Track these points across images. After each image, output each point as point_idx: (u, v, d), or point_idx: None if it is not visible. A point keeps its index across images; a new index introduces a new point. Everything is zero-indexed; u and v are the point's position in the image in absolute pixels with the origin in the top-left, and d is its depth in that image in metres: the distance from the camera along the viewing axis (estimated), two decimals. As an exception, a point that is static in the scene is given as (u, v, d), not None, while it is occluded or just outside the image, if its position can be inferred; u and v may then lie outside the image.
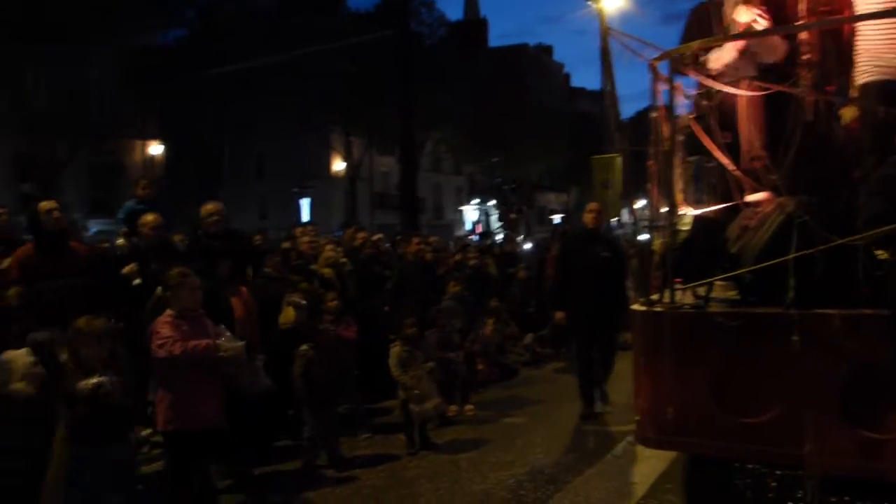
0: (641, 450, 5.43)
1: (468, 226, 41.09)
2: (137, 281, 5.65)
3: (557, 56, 59.99)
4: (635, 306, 3.39)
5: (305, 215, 28.35)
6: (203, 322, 4.36)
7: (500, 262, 12.08)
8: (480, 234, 28.36)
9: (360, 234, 9.66)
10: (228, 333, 4.39)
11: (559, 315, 7.07)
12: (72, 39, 20.53)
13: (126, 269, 5.72)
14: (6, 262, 5.31)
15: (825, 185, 3.31)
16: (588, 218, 6.82)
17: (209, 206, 6.25)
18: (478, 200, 42.69)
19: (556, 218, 45.36)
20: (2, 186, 23.00)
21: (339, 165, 33.89)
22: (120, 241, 6.85)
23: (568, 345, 10.23)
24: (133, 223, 6.53)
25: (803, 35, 3.35)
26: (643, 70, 3.54)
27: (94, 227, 21.76)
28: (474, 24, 43.79)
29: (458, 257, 10.46)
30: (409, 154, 17.81)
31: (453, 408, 7.57)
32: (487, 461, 5.93)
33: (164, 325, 4.21)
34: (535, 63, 48.67)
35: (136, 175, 26.94)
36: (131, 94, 25.33)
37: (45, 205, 5.49)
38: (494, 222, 40.88)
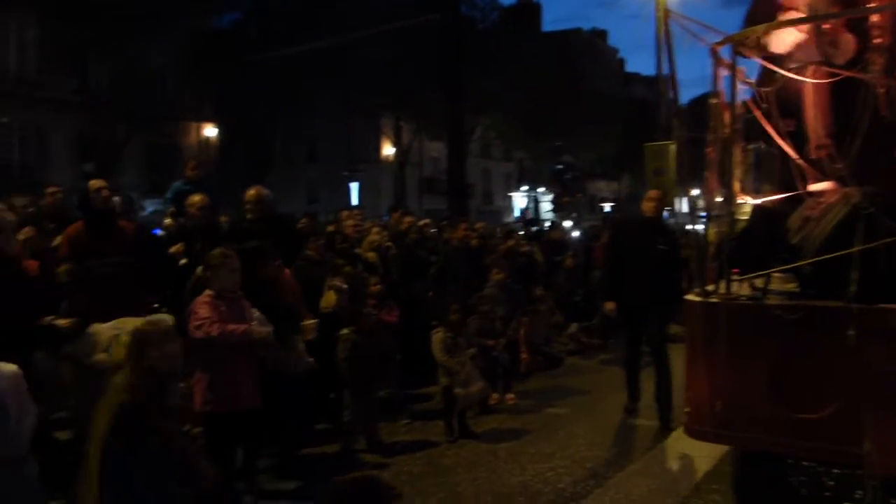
0: (687, 447, 5.35)
1: (517, 212, 40.88)
2: (184, 261, 5.61)
3: (612, 41, 58.88)
4: (690, 297, 3.33)
5: (354, 199, 28.59)
6: (241, 304, 4.37)
7: (547, 249, 11.89)
8: (526, 221, 28.10)
9: (406, 219, 9.55)
10: (260, 317, 4.40)
11: (609, 306, 6.80)
12: (133, 22, 21.09)
13: (173, 249, 5.73)
14: (58, 240, 5.43)
15: (894, 176, 3.19)
16: (647, 206, 6.50)
17: (251, 191, 6.33)
18: (526, 187, 42.41)
19: (607, 206, 44.73)
20: (66, 166, 23.97)
21: (388, 150, 34.08)
22: (167, 220, 6.79)
23: (616, 335, 10.08)
24: (181, 203, 6.53)
25: (874, 18, 3.21)
26: (698, 55, 3.46)
27: (150, 206, 22.45)
28: (527, 9, 43.18)
29: (510, 243, 10.27)
30: (457, 139, 17.65)
31: (494, 396, 7.51)
32: (527, 452, 5.84)
33: (202, 306, 4.21)
34: (588, 48, 47.87)
35: (191, 156, 27.84)
36: (188, 76, 25.93)
37: (94, 183, 5.51)
38: (544, 209, 40.56)
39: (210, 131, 28.74)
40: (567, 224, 29.38)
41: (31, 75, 23.92)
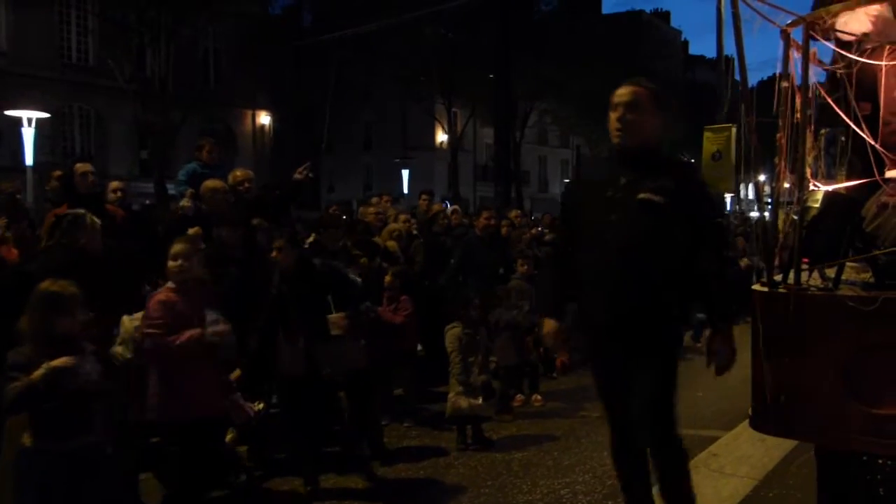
0: (724, 466, 5.14)
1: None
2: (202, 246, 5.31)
3: (675, 22, 57.44)
4: (757, 287, 3.27)
5: (405, 187, 28.84)
6: (198, 300, 4.12)
7: None
8: None
9: (435, 205, 9.11)
10: (215, 316, 4.15)
11: (549, 327, 3.58)
12: (188, 9, 21.61)
13: (191, 232, 5.50)
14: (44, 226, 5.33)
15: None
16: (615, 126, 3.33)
17: (238, 173, 6.14)
18: (584, 174, 41.85)
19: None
20: (125, 153, 24.83)
21: (442, 137, 34.16)
22: (185, 201, 6.57)
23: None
24: (197, 186, 6.40)
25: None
26: (765, 36, 3.36)
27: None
28: (584, -10, 42.47)
29: (533, 232, 9.53)
30: (504, 123, 17.34)
31: (519, 398, 7.14)
32: (543, 464, 5.40)
33: (155, 305, 4.02)
34: (650, 30, 46.80)
35: (247, 144, 28.51)
36: (242, 63, 26.45)
37: (80, 167, 5.55)
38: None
39: (265, 118, 29.30)
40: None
41: (90, 62, 24.80)
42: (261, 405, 4.93)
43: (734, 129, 8.04)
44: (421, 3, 22.10)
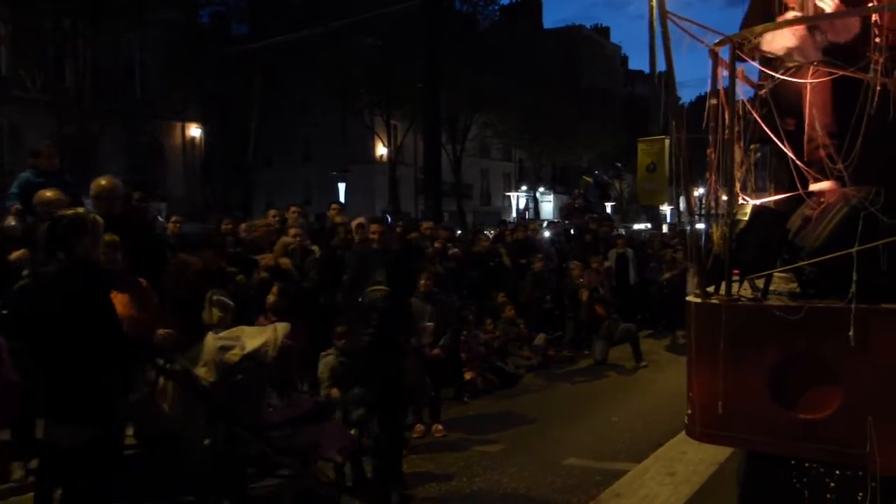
0: (633, 495, 4.97)
1: (514, 212, 41.00)
2: (27, 272, 4.16)
3: (618, 40, 59.14)
4: (690, 298, 3.41)
5: (343, 200, 28.80)
6: None
7: (514, 251, 11.01)
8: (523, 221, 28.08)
9: (339, 218, 8.56)
10: None
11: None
12: (113, 17, 21.02)
13: (14, 256, 4.80)
14: None
15: (893, 176, 3.27)
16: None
17: (102, 182, 5.38)
18: (525, 187, 42.53)
19: (608, 205, 44.80)
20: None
21: (382, 150, 34.19)
22: (10, 219, 5.62)
23: (590, 345, 9.86)
24: (28, 198, 5.57)
25: (876, 16, 3.30)
26: (702, 54, 3.54)
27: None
28: (527, 5, 43.38)
29: (437, 245, 8.89)
30: (434, 133, 16.60)
31: (419, 428, 6.64)
32: None
33: None
34: (590, 45, 48.10)
35: (176, 157, 27.88)
36: (170, 73, 25.88)
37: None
38: (544, 210, 40.66)
39: (195, 131, 28.71)
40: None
41: (2, 72, 23.81)
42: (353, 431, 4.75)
43: (667, 142, 8.30)
44: (354, 15, 22.14)
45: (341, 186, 29.72)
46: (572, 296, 10.21)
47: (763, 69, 3.51)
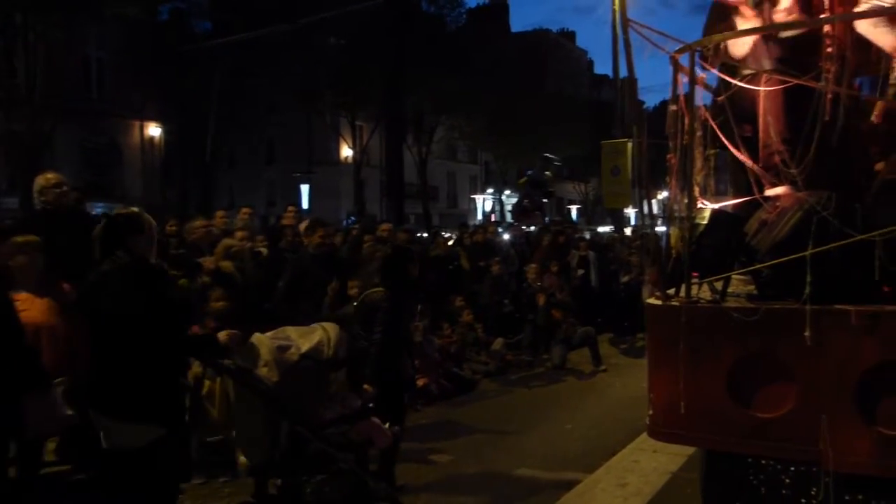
0: None
1: (480, 215, 41.20)
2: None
3: (584, 45, 59.80)
4: (651, 300, 3.50)
5: (305, 202, 28.60)
6: None
7: (473, 254, 10.86)
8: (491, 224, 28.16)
9: (288, 220, 8.24)
10: None
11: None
12: (67, 11, 20.48)
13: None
14: None
15: (846, 181, 3.40)
16: None
17: (49, 176, 5.43)
18: (492, 189, 42.76)
19: (574, 209, 45.37)
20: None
21: (348, 152, 34.08)
22: None
23: (549, 349, 9.78)
24: None
25: (827, 27, 3.43)
26: (667, 60, 3.63)
27: (92, 210, 21.91)
28: (494, 8, 43.68)
29: (375, 251, 8.02)
30: (397, 135, 16.62)
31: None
32: None
33: None
34: (556, 48, 48.57)
35: (134, 157, 27.34)
36: (128, 71, 25.38)
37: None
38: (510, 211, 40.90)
39: (154, 130, 28.22)
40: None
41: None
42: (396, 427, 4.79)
43: (630, 145, 8.42)
44: (319, 14, 22.02)
45: (305, 188, 29.54)
46: (530, 300, 10.20)
47: (721, 76, 3.62)
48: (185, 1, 27.97)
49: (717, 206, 3.63)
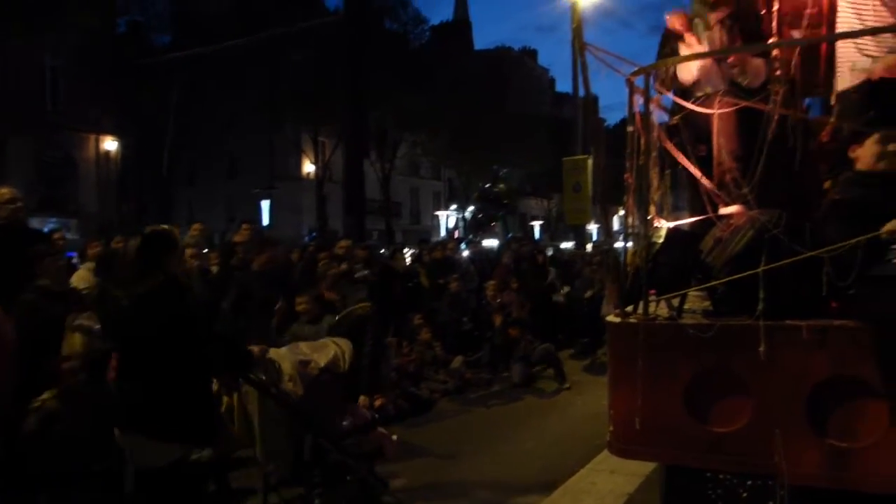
0: None
1: (443, 231, 41.30)
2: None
3: (544, 62, 60.65)
4: (610, 317, 3.56)
5: (266, 218, 28.34)
6: None
7: (433, 271, 10.81)
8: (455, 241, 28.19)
9: (239, 237, 7.91)
10: None
11: None
12: (20, 20, 20.02)
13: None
14: None
15: (796, 200, 3.52)
16: None
17: (3, 191, 5.26)
18: (455, 206, 42.93)
19: (537, 224, 45.77)
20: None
21: (310, 167, 33.90)
22: None
23: (508, 366, 9.64)
24: None
25: (775, 52, 3.57)
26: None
27: (45, 225, 21.40)
28: (458, 26, 44.12)
29: (342, 267, 8.14)
30: (356, 150, 16.39)
31: None
32: None
33: None
34: (518, 66, 49.16)
35: (89, 172, 26.77)
36: (85, 83, 24.92)
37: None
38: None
39: (110, 144, 27.71)
40: (491, 243, 29.74)
41: None
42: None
43: (590, 162, 8.54)
44: (281, 29, 21.95)
45: (265, 204, 29.26)
46: (488, 317, 10.15)
47: (675, 98, 3.73)
48: (143, 13, 27.66)
49: (673, 224, 3.72)
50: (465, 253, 14.20)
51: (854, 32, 3.58)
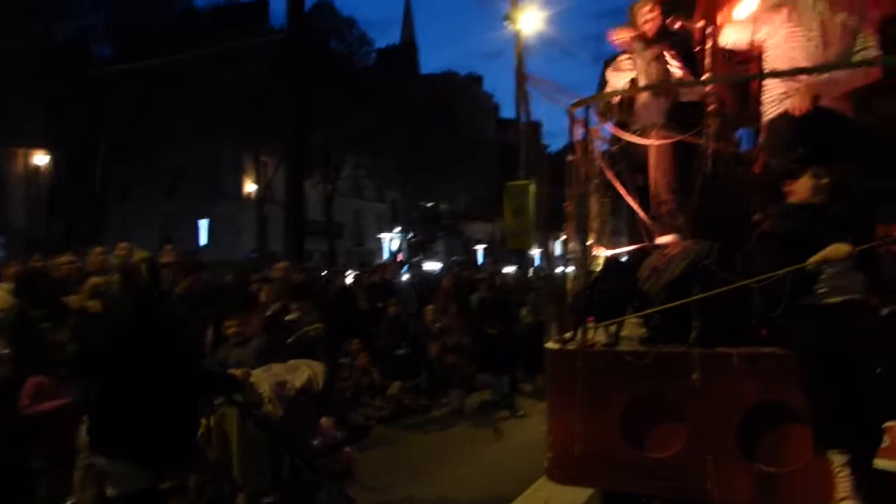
0: None
1: (386, 254, 41.19)
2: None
3: (489, 88, 61.52)
4: (549, 344, 3.60)
5: (203, 238, 27.76)
6: None
7: (372, 294, 10.68)
8: (398, 263, 28.10)
9: (166, 256, 7.53)
10: None
11: None
12: None
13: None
14: None
15: (728, 230, 3.65)
16: None
17: None
18: (399, 228, 42.91)
19: (480, 248, 46.09)
20: None
21: (251, 187, 33.41)
22: None
23: (447, 391, 9.57)
24: None
25: (708, 87, 3.71)
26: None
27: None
28: (404, 50, 44.46)
29: (265, 291, 7.86)
30: (297, 169, 16.30)
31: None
32: None
33: None
34: (463, 91, 49.74)
35: (18, 187, 25.74)
36: (15, 96, 24.06)
37: None
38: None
39: (41, 158, 26.72)
40: (433, 266, 29.79)
41: None
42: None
43: (532, 187, 8.66)
44: (222, 46, 21.71)
45: (204, 223, 28.67)
46: (427, 342, 10.06)
47: (614, 129, 3.84)
48: (80, 25, 26.93)
49: (610, 252, 3.80)
50: (406, 276, 14.13)
51: (783, 72, 3.75)
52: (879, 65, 3.54)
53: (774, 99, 3.67)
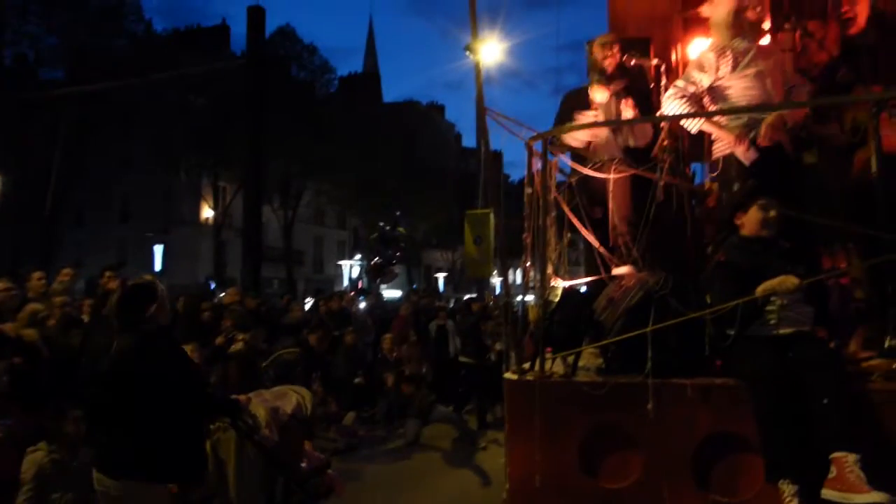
0: None
1: (346, 281, 40.92)
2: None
3: (451, 118, 62.14)
4: (507, 375, 3.62)
5: (158, 264, 27.26)
6: None
7: (329, 322, 10.35)
8: (357, 291, 27.82)
9: (110, 282, 7.07)
10: None
11: None
12: None
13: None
14: None
15: (682, 262, 3.74)
16: None
17: None
18: (359, 256, 42.72)
19: (441, 276, 46.12)
20: None
21: (209, 212, 33.00)
22: None
23: (404, 421, 9.38)
24: None
25: (663, 122, 3.82)
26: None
27: None
28: (366, 78, 44.73)
29: (227, 323, 7.62)
30: (254, 192, 16.21)
31: None
32: None
33: None
34: (425, 120, 50.15)
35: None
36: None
37: None
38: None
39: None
40: (393, 294, 29.64)
41: None
42: None
43: (492, 216, 8.73)
44: (180, 70, 21.58)
45: (159, 248, 28.15)
46: (384, 371, 9.94)
47: (571, 163, 3.92)
48: (32, 47, 26.48)
49: (567, 283, 3.86)
50: (363, 304, 14.00)
51: (732, 109, 3.89)
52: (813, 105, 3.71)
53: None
